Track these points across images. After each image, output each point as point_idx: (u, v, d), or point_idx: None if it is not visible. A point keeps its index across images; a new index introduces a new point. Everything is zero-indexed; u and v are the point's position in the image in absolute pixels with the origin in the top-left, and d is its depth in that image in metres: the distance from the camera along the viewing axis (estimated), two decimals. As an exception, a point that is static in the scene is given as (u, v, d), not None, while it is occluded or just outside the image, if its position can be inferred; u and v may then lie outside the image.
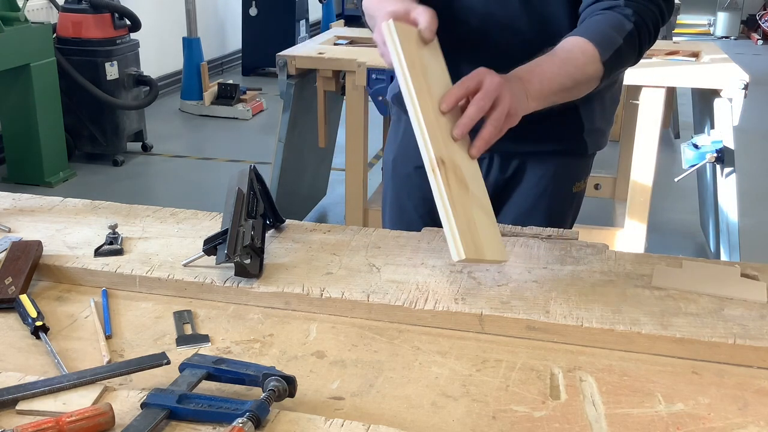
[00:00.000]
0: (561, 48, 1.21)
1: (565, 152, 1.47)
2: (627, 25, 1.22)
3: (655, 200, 3.15)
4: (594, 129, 1.46)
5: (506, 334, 1.01)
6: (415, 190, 1.54)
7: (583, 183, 1.52)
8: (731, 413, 0.86)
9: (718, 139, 2.90)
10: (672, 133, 5.20)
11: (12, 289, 1.06)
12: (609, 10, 1.24)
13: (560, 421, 0.83)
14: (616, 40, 1.21)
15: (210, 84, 5.96)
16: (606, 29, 1.22)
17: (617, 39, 1.22)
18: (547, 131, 1.36)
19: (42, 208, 1.37)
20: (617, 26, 1.22)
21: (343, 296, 1.06)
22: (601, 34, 1.22)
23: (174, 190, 4.45)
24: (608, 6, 1.24)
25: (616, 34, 1.22)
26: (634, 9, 1.23)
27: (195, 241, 1.22)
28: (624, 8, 1.23)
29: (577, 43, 1.21)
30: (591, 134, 1.46)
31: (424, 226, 1.56)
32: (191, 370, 0.84)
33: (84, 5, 4.54)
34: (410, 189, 1.56)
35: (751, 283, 1.12)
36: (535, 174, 1.47)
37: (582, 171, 1.52)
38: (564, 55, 1.20)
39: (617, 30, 1.22)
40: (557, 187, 1.48)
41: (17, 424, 0.76)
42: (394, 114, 1.61)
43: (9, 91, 4.17)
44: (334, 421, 0.79)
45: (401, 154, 1.56)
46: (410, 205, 1.58)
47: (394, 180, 1.61)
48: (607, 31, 1.22)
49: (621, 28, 1.22)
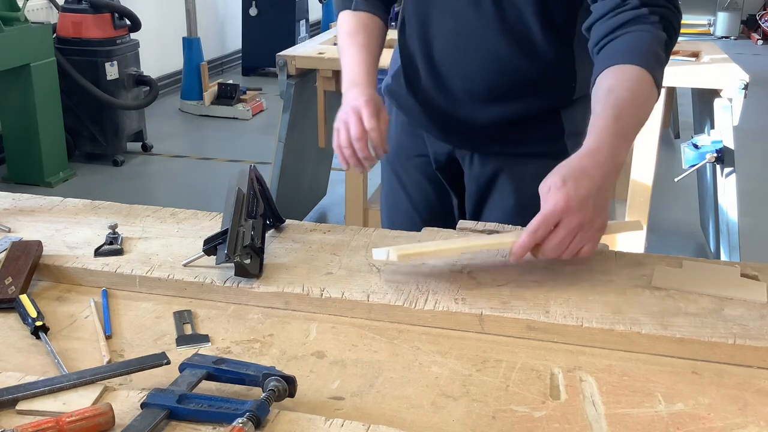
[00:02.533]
0: (610, 89, 1.11)
1: (545, 155, 1.43)
2: (661, 35, 1.15)
3: (655, 200, 3.15)
4: (575, 132, 1.42)
5: (506, 334, 1.01)
6: (411, 181, 1.56)
7: None
8: (731, 413, 0.86)
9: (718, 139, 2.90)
10: (672, 133, 5.20)
11: (12, 289, 1.06)
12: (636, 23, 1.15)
13: (560, 421, 0.83)
14: (661, 57, 1.15)
15: (210, 84, 5.96)
16: (649, 47, 1.14)
17: (661, 55, 1.15)
18: (526, 134, 1.37)
19: (42, 208, 1.37)
20: (656, 40, 1.14)
21: (343, 296, 1.06)
22: (647, 54, 1.13)
23: (174, 190, 4.45)
24: (633, 17, 1.15)
25: (659, 49, 1.15)
26: (660, 14, 1.15)
27: (195, 241, 1.22)
28: (649, 16, 1.15)
29: (628, 74, 1.11)
30: (572, 138, 1.43)
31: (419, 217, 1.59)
32: (191, 370, 0.84)
33: (84, 5, 4.53)
34: (406, 181, 1.59)
35: (751, 283, 1.12)
36: (516, 175, 1.47)
37: None
38: (618, 94, 1.10)
39: (659, 44, 1.15)
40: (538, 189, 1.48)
41: (17, 424, 0.76)
42: (387, 106, 1.63)
43: (9, 91, 4.17)
44: (334, 421, 0.79)
45: (395, 147, 1.58)
46: (404, 196, 1.60)
47: (389, 172, 1.63)
48: (651, 50, 1.14)
49: (659, 40, 1.15)
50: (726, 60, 3.06)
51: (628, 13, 1.16)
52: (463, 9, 1.36)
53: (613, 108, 1.09)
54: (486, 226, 1.29)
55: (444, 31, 1.40)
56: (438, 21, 1.40)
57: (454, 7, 1.37)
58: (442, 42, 1.41)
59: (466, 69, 1.39)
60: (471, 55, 1.38)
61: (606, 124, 1.08)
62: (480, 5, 1.34)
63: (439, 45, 1.41)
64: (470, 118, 1.44)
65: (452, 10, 1.37)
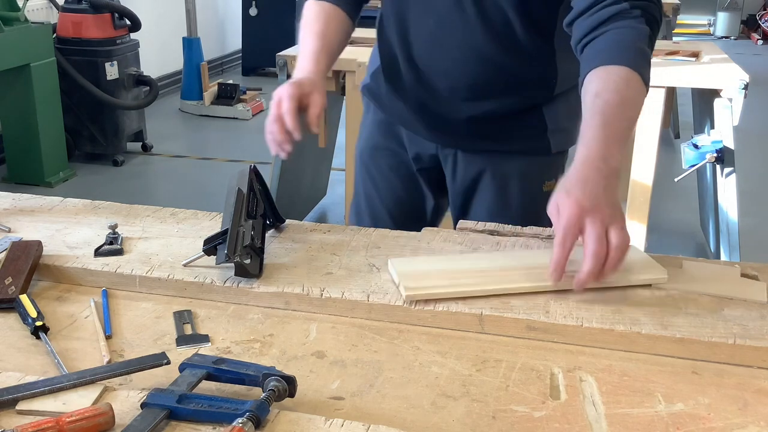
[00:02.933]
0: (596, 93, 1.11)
1: (528, 151, 1.46)
2: (644, 29, 1.15)
3: (655, 200, 3.15)
4: (558, 129, 1.45)
5: (506, 334, 1.01)
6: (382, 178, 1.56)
7: (554, 182, 1.43)
8: (731, 413, 0.86)
9: (718, 139, 2.90)
10: (672, 133, 5.20)
11: (12, 289, 1.06)
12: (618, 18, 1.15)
13: (560, 421, 0.83)
14: (647, 53, 1.15)
15: (210, 84, 5.96)
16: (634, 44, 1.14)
17: (647, 51, 1.15)
18: (509, 131, 1.37)
19: (42, 208, 1.37)
20: (640, 35, 1.14)
21: (343, 296, 1.06)
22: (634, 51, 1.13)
23: (174, 190, 4.45)
24: (615, 12, 1.15)
25: (644, 45, 1.15)
26: (641, 8, 1.15)
27: (195, 241, 1.22)
28: (631, 10, 1.14)
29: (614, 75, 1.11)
30: (555, 134, 1.45)
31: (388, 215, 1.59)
32: (191, 370, 0.84)
33: (84, 5, 4.53)
34: (377, 177, 1.58)
35: (751, 283, 1.12)
36: (502, 172, 1.48)
37: (551, 170, 1.48)
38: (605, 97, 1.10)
39: (642, 40, 1.15)
40: (525, 186, 1.48)
41: (17, 424, 0.76)
42: (365, 105, 1.63)
43: (9, 91, 4.17)
44: (334, 421, 0.79)
45: (368, 144, 1.58)
46: (375, 193, 1.61)
47: (360, 168, 1.62)
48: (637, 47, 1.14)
49: (643, 35, 1.15)
50: (726, 60, 3.05)
51: (610, 8, 1.15)
52: (443, 7, 1.36)
53: (601, 115, 1.09)
54: (486, 226, 1.29)
55: (424, 30, 1.40)
56: (418, 20, 1.40)
57: (433, 5, 1.37)
58: (422, 40, 1.41)
59: (447, 66, 1.39)
60: (452, 53, 1.38)
61: (595, 134, 1.08)
62: (461, 2, 1.34)
63: (420, 43, 1.41)
64: (453, 114, 1.44)
65: (432, 9, 1.37)
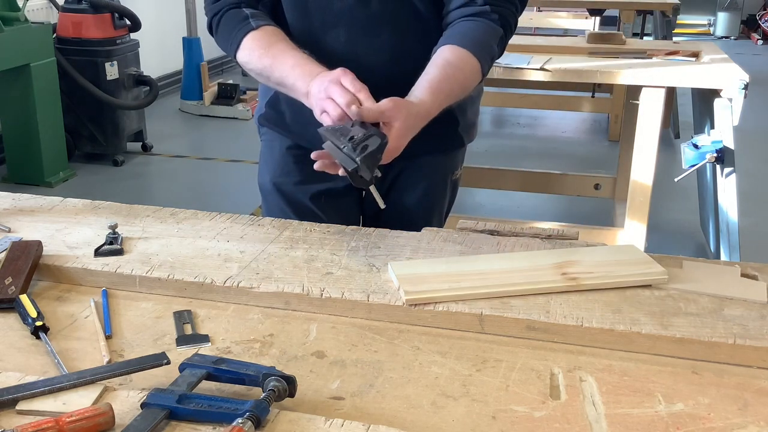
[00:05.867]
0: (448, 62, 1.29)
1: (444, 149, 1.57)
2: (498, 31, 1.35)
3: (655, 200, 3.15)
4: (467, 124, 1.56)
5: (506, 334, 1.01)
6: (302, 207, 1.54)
7: (459, 171, 1.65)
8: (731, 413, 0.86)
9: (718, 139, 2.90)
10: (672, 133, 5.20)
11: (12, 289, 1.06)
12: (478, 17, 1.34)
13: (560, 421, 0.83)
14: (493, 50, 1.35)
15: (210, 84, 5.96)
16: (484, 39, 1.33)
17: (494, 48, 1.35)
18: (427, 133, 1.36)
19: (42, 208, 1.37)
20: (492, 34, 1.34)
21: (343, 296, 1.06)
22: (481, 45, 1.33)
23: (174, 190, 4.45)
24: (476, 12, 1.34)
25: (493, 42, 1.34)
26: (499, 13, 1.34)
27: (195, 241, 1.22)
28: (491, 14, 1.34)
29: (462, 56, 1.30)
30: (465, 129, 1.57)
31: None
32: (191, 370, 0.85)
33: (84, 5, 4.54)
34: (296, 206, 1.55)
35: (751, 283, 1.12)
36: (420, 171, 1.55)
37: (458, 161, 1.64)
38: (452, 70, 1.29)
39: (493, 38, 1.34)
40: (438, 179, 1.59)
41: (17, 424, 0.76)
42: (265, 135, 1.61)
43: (9, 91, 4.17)
44: (334, 421, 0.79)
45: (281, 173, 1.56)
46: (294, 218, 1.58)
47: (278, 198, 1.58)
48: (485, 41, 1.33)
49: (495, 35, 1.35)
50: (726, 60, 3.05)
51: (474, 8, 1.35)
52: (349, 12, 1.37)
53: (442, 70, 1.29)
54: (486, 225, 1.29)
55: (337, 42, 1.39)
56: (328, 32, 1.39)
57: (341, 13, 1.37)
58: (339, 51, 1.39)
59: (366, 70, 1.32)
60: (369, 58, 1.38)
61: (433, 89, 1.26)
62: (369, 4, 1.36)
63: (336, 55, 1.37)
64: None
65: (341, 17, 1.38)
